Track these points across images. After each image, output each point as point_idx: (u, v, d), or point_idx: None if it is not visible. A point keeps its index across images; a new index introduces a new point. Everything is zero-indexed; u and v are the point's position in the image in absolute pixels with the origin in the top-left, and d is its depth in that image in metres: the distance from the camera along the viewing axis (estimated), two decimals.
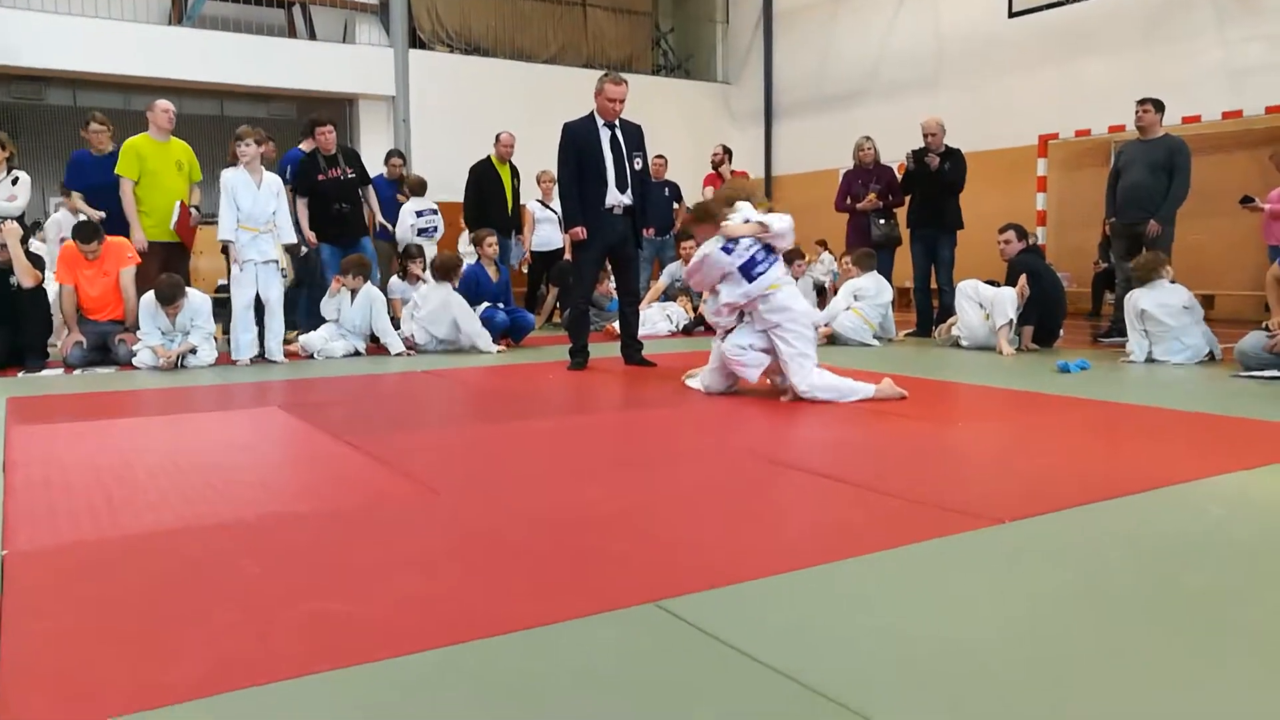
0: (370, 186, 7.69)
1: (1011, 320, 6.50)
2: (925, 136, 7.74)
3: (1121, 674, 1.53)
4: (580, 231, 5.76)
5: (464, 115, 11.63)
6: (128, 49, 10.48)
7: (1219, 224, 8.16)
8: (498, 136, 8.92)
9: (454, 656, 1.61)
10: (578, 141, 5.73)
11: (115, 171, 6.60)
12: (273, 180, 6.41)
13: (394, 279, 7.85)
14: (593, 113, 5.78)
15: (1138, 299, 5.90)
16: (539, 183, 9.54)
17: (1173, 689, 1.48)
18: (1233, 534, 2.33)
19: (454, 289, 6.93)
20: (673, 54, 15.36)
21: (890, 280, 7.70)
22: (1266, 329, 5.32)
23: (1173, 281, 5.91)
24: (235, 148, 6.32)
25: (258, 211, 6.29)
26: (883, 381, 4.45)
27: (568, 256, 8.25)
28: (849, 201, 8.28)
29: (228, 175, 6.31)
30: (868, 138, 8.37)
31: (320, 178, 7.21)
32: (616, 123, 5.76)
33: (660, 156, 9.44)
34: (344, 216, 7.30)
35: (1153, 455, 3.23)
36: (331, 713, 1.43)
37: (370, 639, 1.68)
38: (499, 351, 6.85)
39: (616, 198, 5.75)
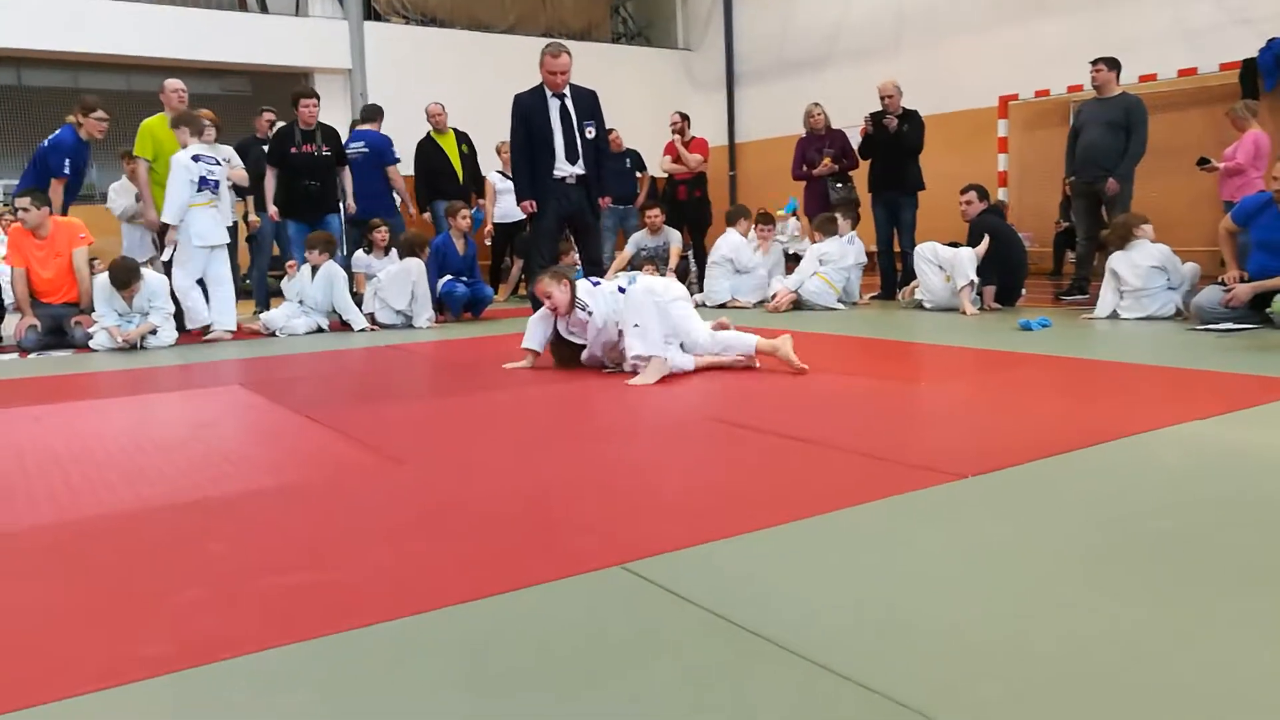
0: (346, 167, 7.58)
1: (973, 280, 6.56)
2: (882, 99, 7.75)
3: (1082, 616, 1.56)
4: (530, 205, 5.77)
5: (422, 87, 11.40)
6: (73, 25, 10.18)
7: (1176, 181, 8.24)
8: (426, 109, 8.82)
9: (422, 625, 1.61)
10: (526, 113, 5.73)
11: (134, 153, 6.76)
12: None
13: (359, 253, 7.76)
14: (542, 83, 5.76)
15: (1112, 259, 5.99)
16: (498, 154, 9.44)
17: (1130, 629, 1.51)
18: (1188, 481, 2.38)
19: (422, 263, 6.92)
20: (632, 21, 15.20)
21: None
22: (1222, 283, 5.41)
23: (1153, 240, 5.97)
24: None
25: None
26: (779, 340, 4.32)
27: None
28: (805, 168, 8.31)
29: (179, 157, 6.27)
30: (817, 104, 8.39)
31: (293, 150, 7.10)
32: (566, 92, 5.71)
33: (613, 130, 9.42)
34: (311, 193, 7.22)
35: (1112, 408, 3.28)
36: (301, 685, 1.42)
37: (338, 610, 1.68)
38: (428, 326, 6.84)
39: (567, 168, 5.73)
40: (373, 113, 8.32)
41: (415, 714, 1.32)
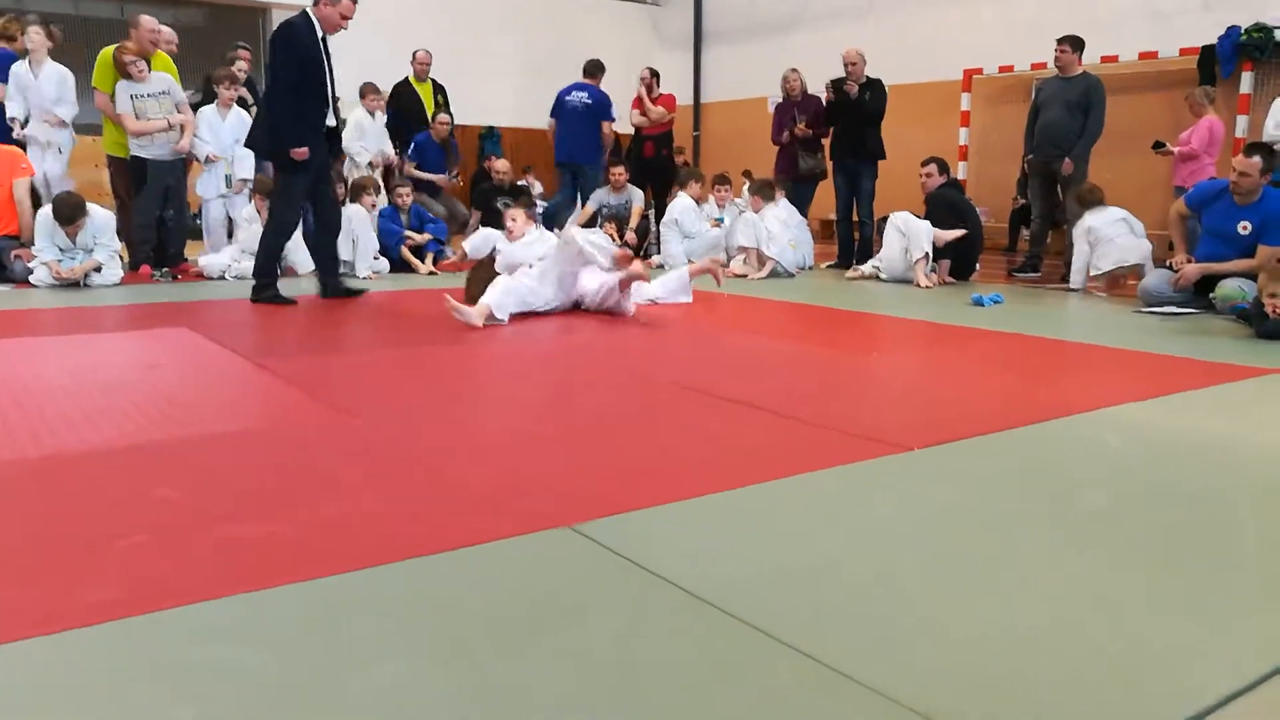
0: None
1: (928, 253, 6.62)
2: (845, 66, 7.74)
3: (1014, 584, 1.61)
4: (304, 152, 4.95)
5: (384, 31, 11.17)
6: None
7: (1132, 163, 8.36)
8: (414, 54, 8.71)
9: (369, 579, 1.62)
10: (303, 48, 4.88)
11: (93, 85, 6.61)
12: (53, 71, 6.52)
13: None
14: (310, 17, 4.98)
15: (1085, 219, 6.19)
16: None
17: (1058, 596, 1.56)
18: (1124, 461, 2.45)
19: (364, 209, 6.78)
20: None
21: (806, 213, 7.79)
22: (1170, 266, 5.52)
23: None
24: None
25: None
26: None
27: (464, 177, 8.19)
28: (785, 133, 8.28)
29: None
30: (794, 69, 8.33)
31: None
32: (326, 36, 5.13)
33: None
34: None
35: (1057, 386, 3.36)
36: (246, 635, 1.42)
37: (286, 561, 1.67)
38: (369, 276, 6.63)
39: (331, 119, 5.19)
40: (595, 68, 8.38)
41: (361, 667, 1.33)
